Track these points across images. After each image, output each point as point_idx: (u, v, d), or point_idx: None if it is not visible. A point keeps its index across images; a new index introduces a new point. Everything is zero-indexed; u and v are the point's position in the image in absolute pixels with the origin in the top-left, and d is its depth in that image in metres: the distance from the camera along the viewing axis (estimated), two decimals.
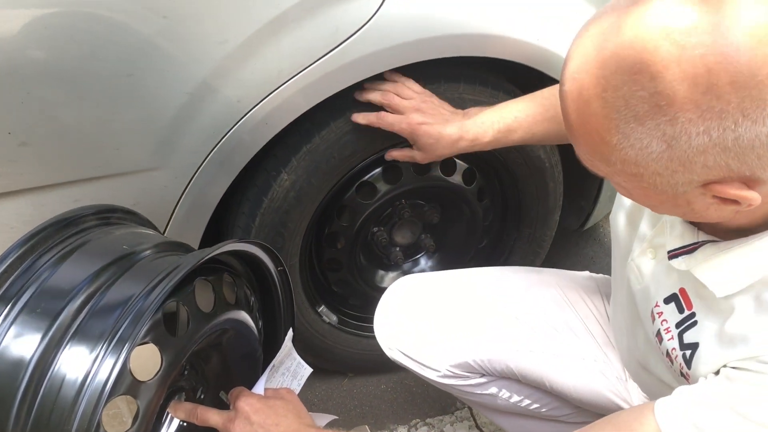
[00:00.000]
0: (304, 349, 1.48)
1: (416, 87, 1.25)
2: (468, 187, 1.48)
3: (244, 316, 0.94)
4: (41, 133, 1.07)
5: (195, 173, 1.19)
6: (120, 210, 0.97)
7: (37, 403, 0.74)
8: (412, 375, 1.26)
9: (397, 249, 1.56)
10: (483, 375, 1.21)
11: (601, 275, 1.33)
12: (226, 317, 0.89)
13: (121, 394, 0.74)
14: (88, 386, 0.73)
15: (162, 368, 0.78)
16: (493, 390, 1.23)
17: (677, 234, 0.80)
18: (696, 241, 0.78)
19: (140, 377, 0.76)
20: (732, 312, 0.73)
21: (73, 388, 0.73)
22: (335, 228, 1.43)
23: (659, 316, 0.85)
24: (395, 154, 1.29)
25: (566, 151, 1.55)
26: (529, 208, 1.56)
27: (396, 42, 1.17)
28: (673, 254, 0.80)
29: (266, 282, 1.02)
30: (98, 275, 0.80)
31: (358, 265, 1.54)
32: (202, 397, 0.98)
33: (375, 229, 1.51)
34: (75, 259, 0.82)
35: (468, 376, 1.21)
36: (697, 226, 0.79)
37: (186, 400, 0.96)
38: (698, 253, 0.77)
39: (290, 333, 1.02)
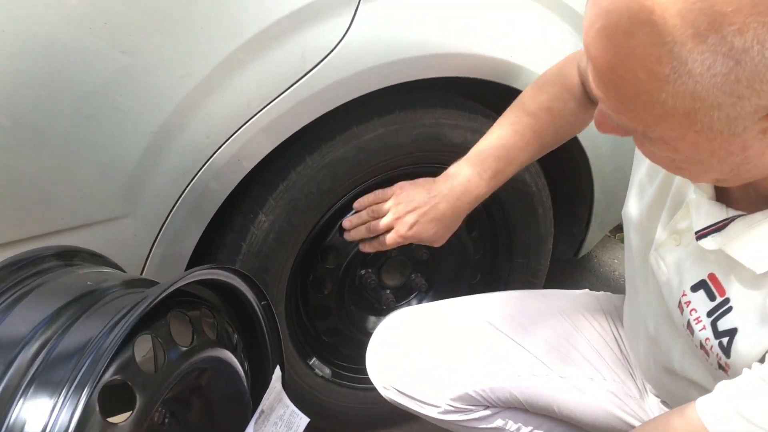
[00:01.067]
0: (297, 405, 1.38)
1: (385, 194, 1.19)
2: None
3: (227, 354, 0.85)
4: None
5: (166, 219, 1.12)
6: (84, 251, 0.89)
7: None
8: (416, 428, 1.16)
9: (388, 291, 1.48)
10: (487, 407, 1.12)
11: (601, 293, 1.26)
12: (206, 354, 0.81)
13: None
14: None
15: (137, 408, 0.69)
16: (498, 422, 1.13)
17: (704, 213, 0.74)
18: (726, 217, 0.72)
19: (113, 419, 0.67)
20: None
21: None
22: (320, 272, 1.36)
23: (687, 306, 0.78)
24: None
25: (553, 175, 1.51)
26: (519, 236, 1.50)
27: (366, 66, 1.14)
28: (702, 234, 0.74)
29: (250, 320, 0.94)
30: (58, 315, 0.72)
31: (348, 312, 1.46)
32: None
33: (362, 272, 1.44)
34: (31, 300, 0.74)
35: (470, 410, 1.12)
36: (725, 202, 0.74)
37: None
38: (729, 229, 0.71)
39: (278, 372, 0.93)
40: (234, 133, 1.09)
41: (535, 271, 1.56)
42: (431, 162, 1.31)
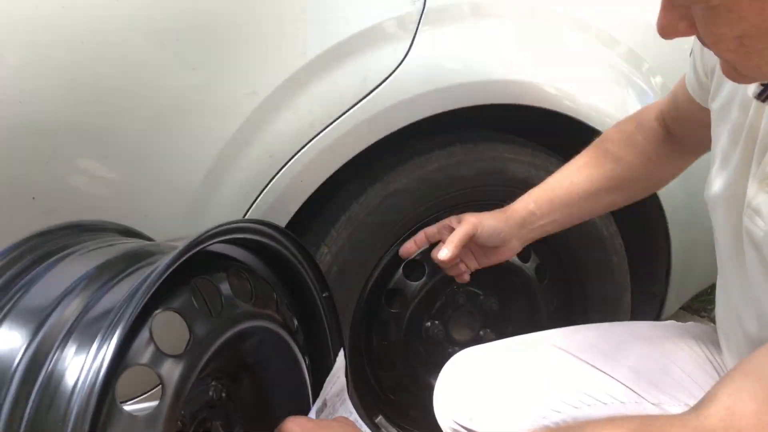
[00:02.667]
0: None
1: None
2: (524, 264, 1.36)
3: (287, 336, 0.80)
4: (67, 199, 1.02)
5: None
6: (145, 235, 0.88)
7: (33, 395, 0.60)
8: None
9: (456, 348, 1.39)
10: None
11: (689, 322, 1.16)
12: (266, 324, 0.76)
13: (141, 365, 0.60)
14: (92, 365, 0.59)
15: (191, 342, 0.64)
16: None
17: None
18: None
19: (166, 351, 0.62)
20: None
21: (76, 369, 0.60)
22: (384, 316, 1.30)
23: None
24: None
25: (626, 228, 1.44)
26: (595, 287, 1.42)
27: (426, 89, 1.15)
28: None
29: (310, 315, 0.89)
30: (103, 270, 0.69)
31: (414, 367, 1.37)
32: None
33: (428, 324, 1.37)
34: (81, 257, 0.72)
35: None
36: None
37: None
38: None
39: (342, 360, 0.85)
40: (297, 153, 1.10)
41: None
42: (497, 198, 1.28)
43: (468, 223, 1.10)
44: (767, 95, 0.74)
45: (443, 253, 1.09)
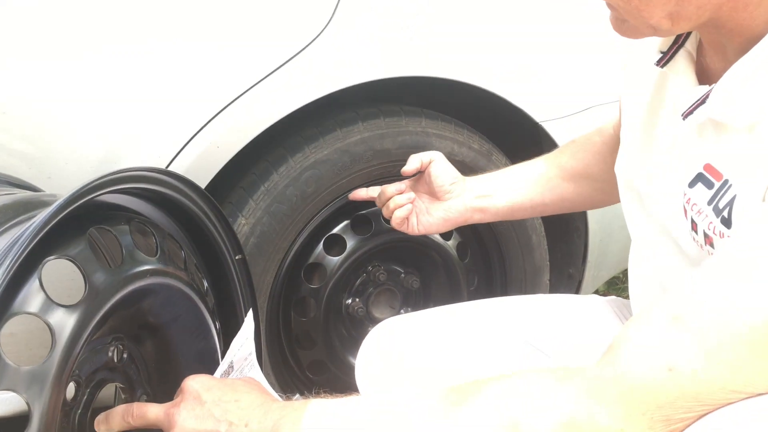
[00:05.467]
0: None
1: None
2: (446, 241, 1.36)
3: (195, 298, 0.76)
4: None
5: None
6: (40, 190, 0.82)
7: None
8: None
9: None
10: None
11: (611, 297, 1.18)
12: (172, 282, 0.71)
13: (28, 313, 0.56)
14: None
15: (86, 293, 0.59)
16: None
17: (688, 97, 0.71)
18: (708, 89, 0.69)
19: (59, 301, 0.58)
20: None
21: None
22: (303, 292, 1.27)
23: (688, 204, 0.73)
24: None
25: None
26: (514, 266, 1.43)
27: (348, 55, 1.13)
28: (688, 113, 0.71)
29: (223, 278, 0.85)
30: None
31: (333, 346, 1.34)
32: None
33: (348, 301, 1.34)
34: None
35: None
36: (709, 83, 0.71)
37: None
38: (712, 96, 0.68)
39: (251, 321, 0.81)
40: (213, 118, 1.06)
41: None
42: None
43: (433, 152, 1.12)
44: (666, 61, 0.76)
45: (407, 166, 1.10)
